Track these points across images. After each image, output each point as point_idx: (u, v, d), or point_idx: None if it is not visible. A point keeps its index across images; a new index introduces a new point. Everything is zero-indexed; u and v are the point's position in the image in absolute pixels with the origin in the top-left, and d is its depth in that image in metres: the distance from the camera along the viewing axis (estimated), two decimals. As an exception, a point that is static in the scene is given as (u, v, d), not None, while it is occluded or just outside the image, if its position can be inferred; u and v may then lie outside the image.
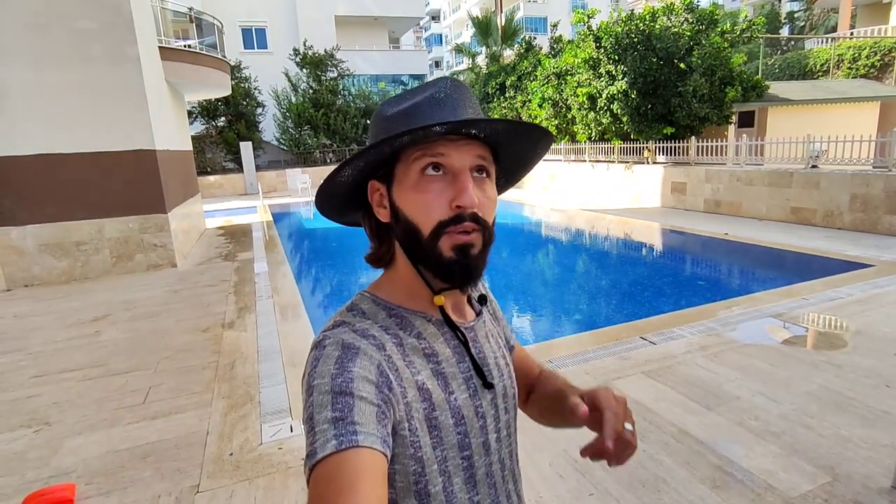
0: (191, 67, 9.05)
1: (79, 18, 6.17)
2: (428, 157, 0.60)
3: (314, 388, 0.55)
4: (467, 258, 0.61)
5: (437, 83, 0.65)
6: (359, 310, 0.67)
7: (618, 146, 12.68)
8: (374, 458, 0.51)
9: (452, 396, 0.64)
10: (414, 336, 0.65)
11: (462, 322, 0.71)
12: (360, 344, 0.60)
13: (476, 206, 0.60)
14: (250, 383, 3.38)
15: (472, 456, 0.66)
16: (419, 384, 0.62)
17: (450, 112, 0.62)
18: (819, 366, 3.24)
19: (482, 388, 0.68)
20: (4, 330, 4.70)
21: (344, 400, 0.53)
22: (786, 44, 23.62)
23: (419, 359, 0.64)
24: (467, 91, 0.65)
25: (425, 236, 0.61)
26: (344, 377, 0.55)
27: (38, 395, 3.32)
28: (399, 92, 0.68)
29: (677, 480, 2.21)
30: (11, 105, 5.96)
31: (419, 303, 0.68)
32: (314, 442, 0.52)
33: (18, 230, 6.19)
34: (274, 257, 7.55)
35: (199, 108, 19.34)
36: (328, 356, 0.58)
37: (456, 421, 0.64)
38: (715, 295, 5.54)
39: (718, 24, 11.40)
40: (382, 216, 0.66)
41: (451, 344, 0.67)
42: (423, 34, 53.05)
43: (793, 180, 8.37)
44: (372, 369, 0.57)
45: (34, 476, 2.46)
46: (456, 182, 0.60)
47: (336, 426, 0.52)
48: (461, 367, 0.67)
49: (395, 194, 0.63)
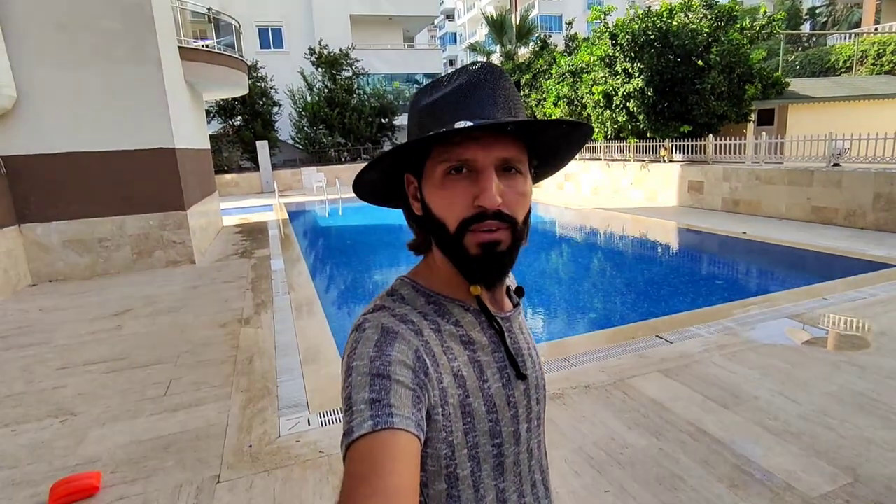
0: (209, 67, 9.19)
1: (102, 20, 6.30)
2: (452, 160, 0.60)
3: (353, 370, 0.57)
4: (492, 256, 0.61)
5: (469, 70, 0.63)
6: (398, 295, 0.68)
7: (634, 144, 12.56)
8: (408, 441, 0.52)
9: (486, 385, 0.65)
10: (452, 323, 0.66)
11: (499, 312, 0.71)
12: (398, 329, 0.61)
13: (499, 206, 0.59)
14: (268, 378, 3.43)
15: (502, 444, 0.66)
16: (455, 370, 0.63)
17: (476, 106, 0.60)
18: (840, 366, 3.19)
19: (515, 378, 0.69)
20: (31, 323, 4.83)
21: (381, 382, 0.55)
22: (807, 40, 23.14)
23: (457, 345, 0.65)
24: (500, 78, 0.63)
25: (451, 232, 0.62)
26: (382, 360, 0.56)
27: (63, 387, 3.41)
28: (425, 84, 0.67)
29: (694, 479, 2.20)
30: (38, 104, 6.12)
31: (457, 291, 0.68)
32: (351, 421, 0.53)
33: (43, 226, 6.35)
34: (290, 255, 7.64)
35: (217, 107, 19.62)
36: (368, 339, 0.59)
37: (489, 409, 0.65)
38: (732, 294, 5.47)
39: (737, 21, 11.22)
40: (416, 208, 0.67)
41: (487, 333, 0.68)
42: (438, 33, 53.05)
43: (814, 179, 8.22)
44: (409, 354, 0.58)
45: (61, 464, 2.53)
46: (479, 181, 0.60)
47: (373, 407, 0.53)
48: (496, 356, 0.68)
49: (425, 189, 0.64)
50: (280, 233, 9.74)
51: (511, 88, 0.64)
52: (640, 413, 2.75)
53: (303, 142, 21.34)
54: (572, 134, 0.67)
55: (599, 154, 13.91)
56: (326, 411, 2.95)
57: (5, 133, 6.03)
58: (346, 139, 21.44)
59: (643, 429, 2.59)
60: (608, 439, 2.51)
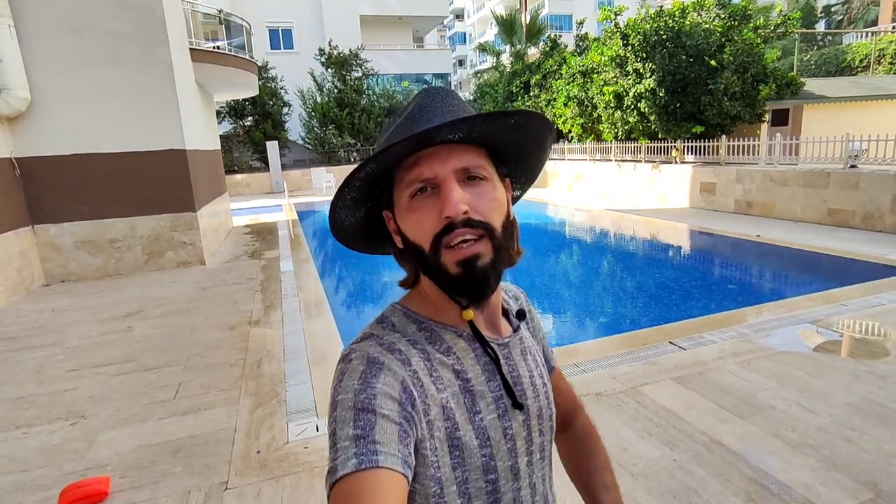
0: (220, 68, 9.23)
1: (113, 22, 6.34)
2: (414, 182, 0.59)
3: (338, 403, 0.55)
4: (473, 271, 0.59)
5: (419, 95, 0.64)
6: (389, 322, 0.66)
7: (645, 145, 12.44)
8: (393, 480, 0.50)
9: (479, 417, 0.62)
10: (443, 351, 0.63)
11: (495, 338, 0.68)
12: (384, 359, 0.59)
13: (465, 212, 0.57)
14: (276, 381, 3.42)
15: (497, 480, 0.63)
16: (443, 402, 0.60)
17: (425, 121, 0.60)
18: (860, 376, 3.11)
19: (512, 408, 0.65)
20: (43, 324, 4.88)
21: (366, 417, 0.53)
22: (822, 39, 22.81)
23: (448, 374, 0.62)
24: (447, 95, 0.64)
25: (427, 252, 0.60)
26: (367, 393, 0.55)
27: (74, 389, 3.43)
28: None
29: (709, 492, 2.15)
30: (51, 106, 6.18)
31: (449, 317, 0.66)
32: (335, 458, 0.52)
33: (56, 227, 6.41)
34: (299, 255, 7.65)
35: (227, 107, 19.74)
36: (353, 370, 0.58)
37: (481, 442, 0.61)
38: (747, 299, 5.39)
39: (751, 20, 11.07)
40: (398, 242, 0.66)
41: (481, 361, 0.65)
42: (447, 33, 53.03)
43: (830, 180, 8.07)
44: (396, 385, 0.56)
45: (71, 468, 2.53)
46: (441, 193, 0.59)
47: (357, 444, 0.51)
48: (491, 385, 0.64)
49: (398, 219, 0.63)
50: (289, 233, 9.77)
51: (460, 102, 0.64)
52: (652, 422, 2.69)
53: (312, 142, 21.42)
54: (529, 128, 0.63)
55: (610, 155, 13.80)
56: (335, 417, 2.92)
57: (20, 135, 6.10)
58: (356, 139, 21.48)
59: (656, 439, 2.54)
60: (620, 449, 2.46)
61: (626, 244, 9.13)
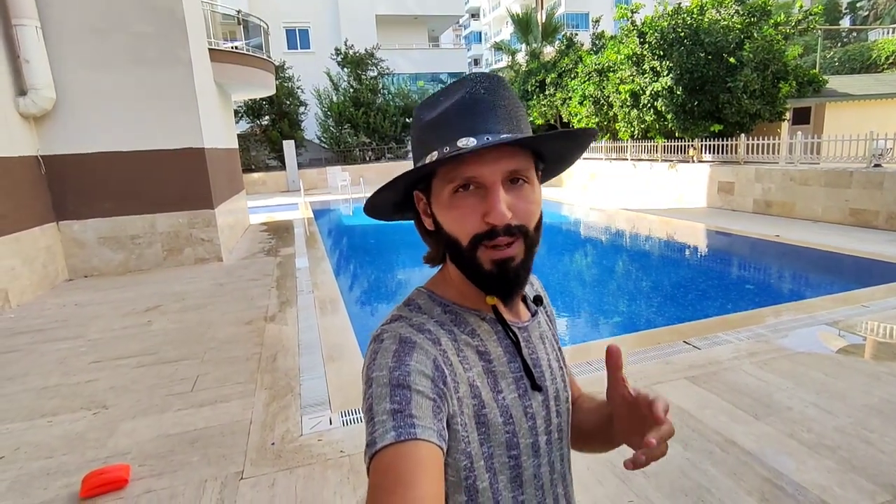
0: (238, 68, 9.37)
1: (136, 23, 6.49)
2: (458, 179, 0.60)
3: (373, 380, 0.57)
4: (507, 272, 0.61)
5: (469, 82, 0.62)
6: (415, 305, 0.68)
7: (661, 144, 12.30)
8: (431, 452, 0.52)
9: (501, 395, 0.64)
10: (468, 333, 0.66)
11: (515, 322, 0.71)
12: (416, 338, 0.61)
13: (507, 221, 0.59)
14: (291, 375, 3.47)
15: (519, 456, 0.65)
16: (470, 380, 0.62)
17: (479, 119, 0.60)
18: (881, 377, 3.05)
19: (532, 389, 0.68)
20: (67, 317, 5.01)
21: (402, 392, 0.55)
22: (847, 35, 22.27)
23: (472, 354, 0.64)
24: (500, 88, 0.62)
25: (464, 248, 0.61)
26: (401, 370, 0.56)
27: (96, 380, 3.52)
28: (437, 90, 0.66)
29: (722, 491, 2.13)
30: (75, 106, 6.34)
31: (472, 301, 0.68)
32: (374, 432, 0.53)
33: (80, 224, 6.58)
34: (314, 253, 7.73)
35: (245, 107, 20.01)
36: (386, 349, 0.59)
37: (505, 420, 0.64)
38: (764, 300, 5.30)
39: (771, 16, 10.87)
40: (427, 224, 0.68)
41: (503, 343, 0.67)
42: (463, 32, 52.97)
43: (853, 180, 7.90)
44: (428, 363, 0.58)
45: (93, 455, 2.61)
46: (487, 197, 0.59)
47: (395, 418, 0.53)
48: (512, 366, 0.67)
49: (434, 207, 0.64)
50: (305, 231, 9.88)
51: (511, 98, 0.63)
52: (665, 421, 2.67)
53: (328, 141, 21.60)
54: (578, 137, 0.66)
55: (626, 154, 13.67)
56: (348, 410, 2.97)
57: (46, 133, 6.27)
58: (371, 138, 21.59)
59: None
60: (632, 447, 2.45)
61: (642, 244, 9.05)
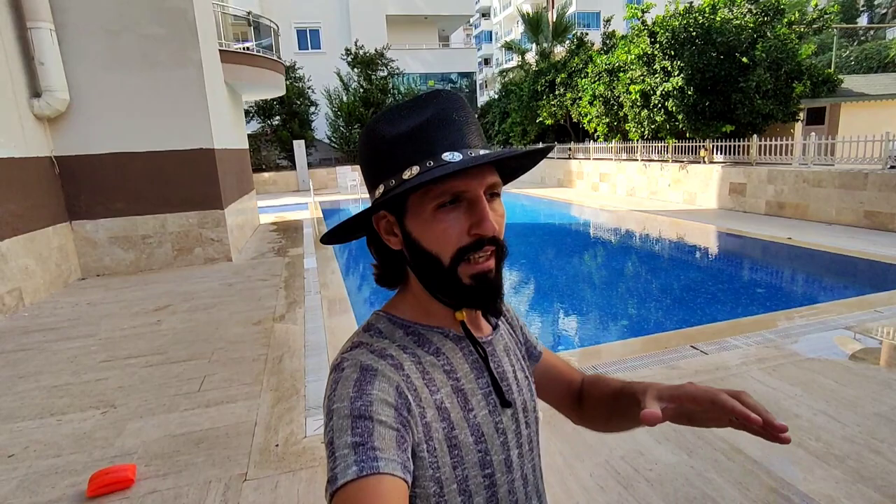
0: (248, 69, 9.44)
1: (148, 25, 6.56)
2: (446, 194, 0.59)
3: (334, 412, 0.55)
4: (486, 284, 0.62)
5: (435, 98, 0.62)
6: (376, 329, 0.66)
7: (672, 145, 12.19)
8: (395, 485, 0.51)
9: (472, 414, 0.64)
10: (432, 353, 0.65)
11: (479, 336, 0.70)
12: (377, 365, 0.59)
13: (496, 231, 0.60)
14: (297, 377, 3.49)
15: (493, 474, 0.65)
16: (438, 403, 0.61)
17: (457, 135, 0.60)
18: (892, 385, 2.99)
19: (501, 406, 0.67)
20: (79, 316, 5.09)
21: (363, 424, 0.53)
22: (864, 33, 21.89)
23: (439, 375, 0.63)
24: (467, 106, 0.64)
25: (446, 264, 0.61)
26: (363, 400, 0.55)
27: (106, 379, 3.57)
28: (381, 111, 0.65)
29: (727, 500, 2.10)
30: (88, 107, 6.43)
31: (436, 318, 0.67)
32: (335, 467, 0.51)
33: (92, 223, 6.68)
34: (323, 253, 7.76)
35: (256, 107, 20.17)
36: (347, 378, 0.58)
37: (476, 439, 0.63)
38: (775, 304, 5.23)
39: (785, 15, 10.72)
40: (393, 244, 0.65)
41: (469, 359, 0.67)
42: (473, 32, 52.89)
43: (868, 182, 7.77)
44: (391, 391, 0.57)
45: (100, 455, 2.64)
46: (474, 210, 0.60)
47: (356, 451, 0.51)
48: (480, 382, 0.66)
49: (409, 225, 0.62)
50: (314, 231, 9.92)
51: (474, 115, 0.65)
52: (670, 427, 2.65)
53: (338, 141, 21.71)
54: (539, 155, 0.67)
55: (636, 154, 13.56)
56: (352, 413, 2.97)
57: (59, 134, 6.37)
58: (380, 138, 21.65)
59: (674, 444, 2.50)
60: (636, 454, 2.43)
61: (651, 245, 8.97)
